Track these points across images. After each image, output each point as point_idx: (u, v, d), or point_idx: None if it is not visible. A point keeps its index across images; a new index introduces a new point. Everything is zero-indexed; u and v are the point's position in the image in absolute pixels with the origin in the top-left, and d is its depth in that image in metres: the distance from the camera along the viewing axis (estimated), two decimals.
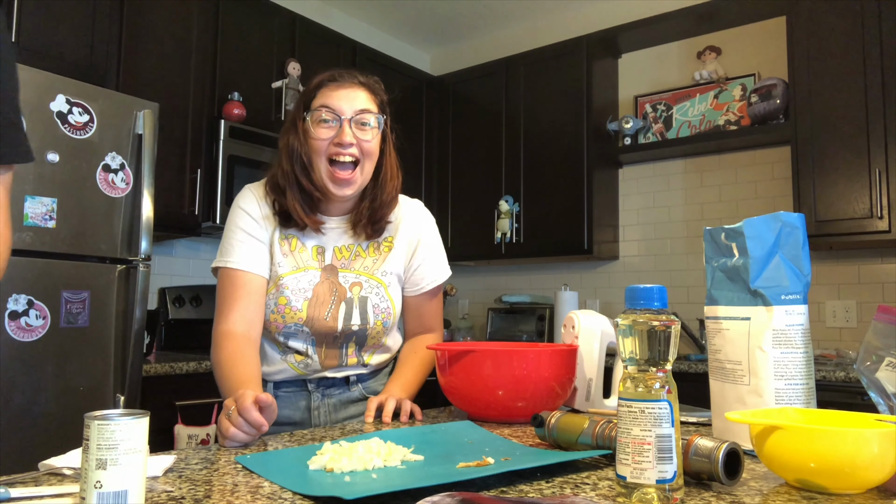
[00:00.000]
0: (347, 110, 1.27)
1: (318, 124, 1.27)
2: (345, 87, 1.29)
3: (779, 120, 3.10)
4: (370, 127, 1.29)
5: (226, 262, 1.31)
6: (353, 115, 1.27)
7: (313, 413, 1.36)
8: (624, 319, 0.71)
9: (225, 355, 1.24)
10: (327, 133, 1.27)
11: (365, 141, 1.29)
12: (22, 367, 1.97)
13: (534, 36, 4.13)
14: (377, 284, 1.35)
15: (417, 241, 1.42)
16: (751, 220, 0.95)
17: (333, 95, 1.28)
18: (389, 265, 1.38)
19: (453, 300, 4.43)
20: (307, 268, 1.33)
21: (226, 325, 1.27)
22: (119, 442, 0.62)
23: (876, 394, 0.90)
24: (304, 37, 3.43)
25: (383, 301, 1.35)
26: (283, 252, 1.33)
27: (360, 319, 1.33)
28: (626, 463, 0.69)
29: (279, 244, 1.33)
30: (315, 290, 1.31)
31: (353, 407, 1.39)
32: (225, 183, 2.91)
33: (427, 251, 1.43)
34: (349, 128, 1.26)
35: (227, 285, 1.30)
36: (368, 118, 1.29)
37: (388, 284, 1.37)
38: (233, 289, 1.29)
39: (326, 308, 1.31)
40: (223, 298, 1.30)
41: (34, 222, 2.02)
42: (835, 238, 2.81)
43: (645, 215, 3.71)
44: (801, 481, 0.75)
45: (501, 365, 1.18)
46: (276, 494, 0.73)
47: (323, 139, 1.27)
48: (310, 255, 1.34)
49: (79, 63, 2.49)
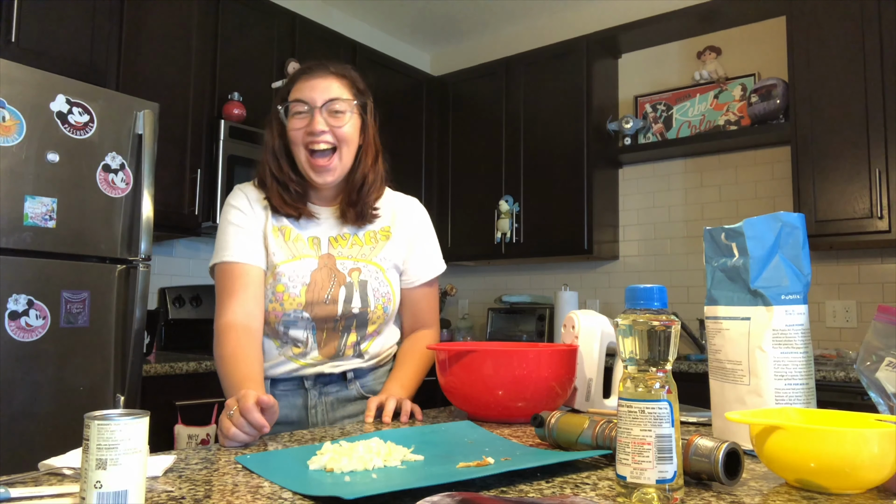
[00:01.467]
0: (319, 99, 1.30)
1: (293, 116, 1.32)
2: (315, 78, 1.33)
3: (779, 120, 3.10)
4: (342, 113, 1.32)
5: (221, 258, 1.32)
6: (325, 104, 1.30)
7: (310, 412, 1.35)
8: (624, 319, 0.71)
9: (227, 351, 1.24)
10: (301, 123, 1.31)
11: (338, 127, 1.31)
12: (22, 367, 1.97)
13: (534, 36, 4.13)
14: (376, 269, 1.36)
15: (414, 234, 1.44)
16: (751, 220, 0.95)
17: (305, 87, 1.32)
18: (387, 252, 1.39)
19: (453, 300, 4.42)
20: (304, 256, 1.34)
21: (226, 317, 1.28)
22: (119, 442, 0.62)
23: (876, 394, 0.90)
24: (304, 37, 3.44)
25: (383, 285, 1.36)
26: (278, 242, 1.34)
27: (361, 302, 1.33)
28: (626, 463, 0.69)
29: (273, 235, 1.34)
30: (313, 276, 1.32)
31: (351, 406, 1.38)
32: (225, 183, 2.90)
33: (423, 244, 1.45)
34: (320, 116, 1.30)
35: (225, 279, 1.31)
36: (340, 105, 1.31)
37: (387, 269, 1.38)
38: (231, 281, 1.30)
39: (326, 291, 1.32)
40: (222, 292, 1.31)
41: (34, 222, 2.02)
42: (835, 238, 2.81)
43: (645, 215, 3.71)
44: (801, 481, 0.75)
45: (501, 365, 1.18)
46: (276, 494, 0.73)
47: (297, 129, 1.31)
48: (305, 244, 1.35)
49: (79, 63, 2.49)
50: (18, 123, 1.98)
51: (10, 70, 1.98)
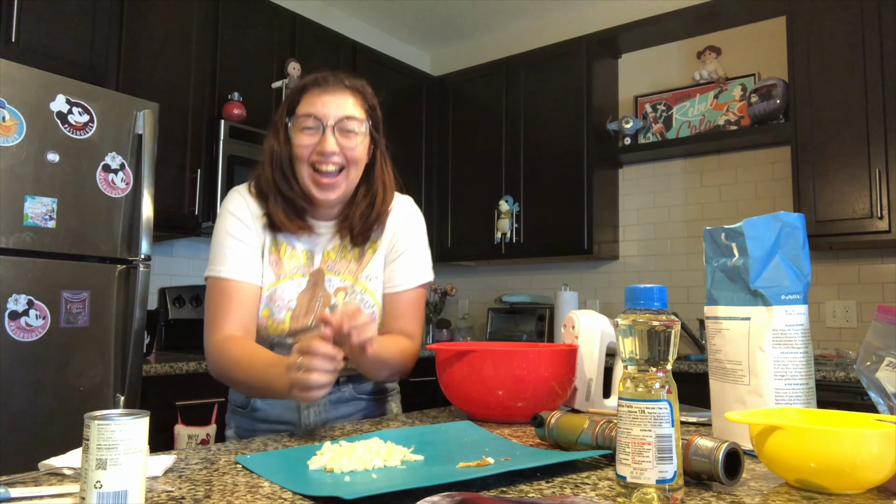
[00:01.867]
0: (331, 116, 1.22)
1: (301, 131, 1.23)
2: (329, 93, 1.24)
3: (779, 120, 3.10)
4: (355, 133, 1.25)
5: (217, 272, 1.26)
6: (337, 122, 1.22)
7: (303, 413, 1.32)
8: (624, 319, 0.71)
9: (236, 355, 1.19)
10: (310, 140, 1.23)
11: (349, 149, 1.24)
12: (22, 367, 1.97)
13: (534, 36, 4.13)
14: (361, 290, 1.32)
15: (403, 240, 1.36)
16: (751, 220, 0.95)
17: (318, 102, 1.23)
18: (373, 268, 1.34)
19: (453, 300, 4.43)
20: (293, 276, 1.29)
21: (222, 332, 1.22)
22: (119, 442, 0.62)
23: (876, 394, 0.90)
24: (304, 37, 3.44)
25: (368, 307, 1.31)
26: (272, 260, 1.29)
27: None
28: (626, 463, 0.69)
29: (268, 252, 1.30)
30: (299, 299, 1.28)
31: (344, 407, 1.36)
32: (225, 183, 2.90)
33: (404, 249, 1.36)
34: (332, 135, 1.22)
35: (219, 295, 1.25)
36: (353, 125, 1.24)
37: (374, 290, 1.33)
38: (226, 298, 1.24)
39: (310, 318, 1.28)
40: (216, 307, 1.24)
41: (34, 222, 2.02)
42: (835, 238, 2.81)
43: (645, 215, 3.71)
44: (801, 481, 0.75)
45: (501, 365, 1.18)
46: (276, 494, 0.73)
47: (305, 146, 1.23)
48: (300, 261, 1.31)
49: (79, 63, 2.49)
50: (18, 123, 1.98)
51: (10, 70, 1.98)
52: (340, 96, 1.24)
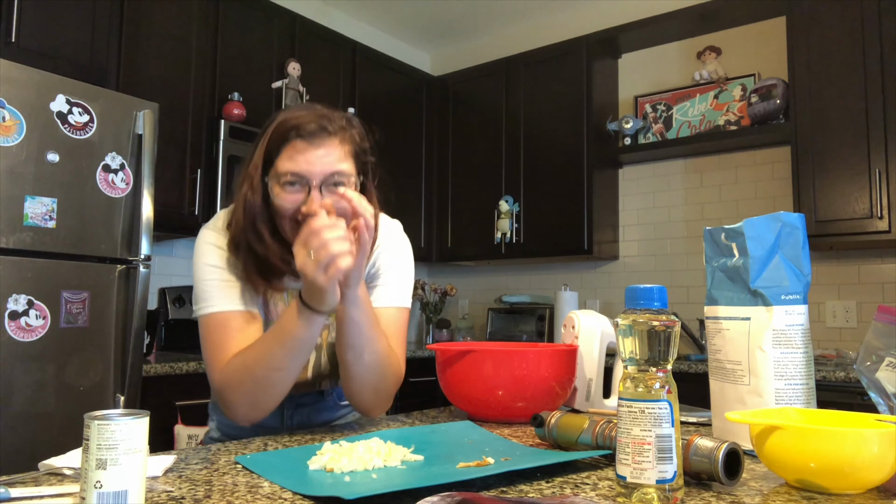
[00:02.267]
0: (317, 175, 1.08)
1: (283, 187, 1.10)
2: (315, 146, 1.09)
3: (779, 120, 3.10)
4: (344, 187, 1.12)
5: (207, 309, 1.16)
6: (324, 180, 1.09)
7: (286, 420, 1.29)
8: (624, 319, 0.71)
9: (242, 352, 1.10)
10: (293, 197, 1.10)
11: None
12: (22, 367, 1.97)
13: (534, 36, 4.13)
14: None
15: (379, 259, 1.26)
16: (751, 220, 0.95)
17: (301, 159, 1.08)
18: None
19: (453, 300, 4.43)
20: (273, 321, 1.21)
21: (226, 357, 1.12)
22: (119, 442, 0.62)
23: (876, 394, 0.90)
24: (304, 37, 3.44)
25: None
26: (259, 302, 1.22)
27: (331, 365, 1.25)
28: (626, 463, 0.69)
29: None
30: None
31: (328, 413, 1.33)
32: (225, 183, 2.91)
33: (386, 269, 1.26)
34: (317, 193, 1.09)
35: (214, 331, 1.15)
36: (341, 179, 1.11)
37: None
38: (223, 332, 1.14)
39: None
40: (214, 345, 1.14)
41: (34, 222, 2.02)
42: (835, 238, 2.81)
43: (645, 215, 3.71)
44: (801, 481, 0.75)
45: (501, 365, 1.19)
46: (276, 494, 0.73)
47: (288, 203, 1.10)
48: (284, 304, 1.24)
49: (79, 63, 2.49)
50: (18, 123, 1.98)
51: (10, 70, 1.98)
52: (326, 148, 1.10)
